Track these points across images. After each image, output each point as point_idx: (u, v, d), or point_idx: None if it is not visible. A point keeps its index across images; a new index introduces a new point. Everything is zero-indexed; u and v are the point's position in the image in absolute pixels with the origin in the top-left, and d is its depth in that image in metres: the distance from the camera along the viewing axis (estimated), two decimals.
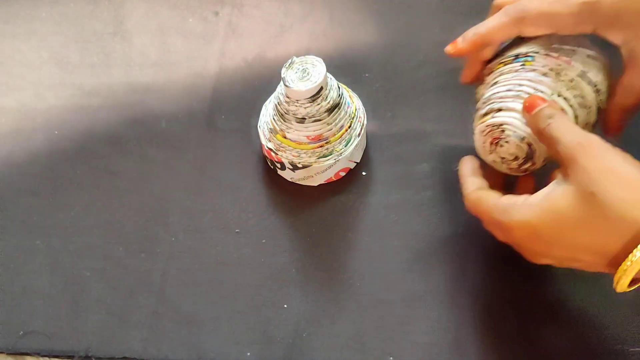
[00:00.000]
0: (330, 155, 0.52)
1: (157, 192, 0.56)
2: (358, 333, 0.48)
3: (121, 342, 0.49)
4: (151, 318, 0.50)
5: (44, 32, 0.66)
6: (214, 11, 0.66)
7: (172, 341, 0.49)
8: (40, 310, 0.51)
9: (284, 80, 0.49)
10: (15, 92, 0.62)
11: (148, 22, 0.65)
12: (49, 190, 0.56)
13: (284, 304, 0.50)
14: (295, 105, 0.50)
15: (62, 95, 0.62)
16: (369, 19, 0.64)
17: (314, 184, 0.55)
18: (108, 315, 0.50)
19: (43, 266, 0.53)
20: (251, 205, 0.55)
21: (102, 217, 0.55)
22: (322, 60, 0.49)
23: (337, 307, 0.50)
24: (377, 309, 0.49)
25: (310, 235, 0.53)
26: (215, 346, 0.49)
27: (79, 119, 0.60)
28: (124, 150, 0.58)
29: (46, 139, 0.59)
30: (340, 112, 0.51)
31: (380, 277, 0.51)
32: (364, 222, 0.53)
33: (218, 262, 0.52)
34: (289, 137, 0.52)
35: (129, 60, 0.63)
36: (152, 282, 0.51)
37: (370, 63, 0.61)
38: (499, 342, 0.47)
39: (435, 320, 0.48)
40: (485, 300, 0.49)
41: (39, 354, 0.49)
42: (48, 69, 0.63)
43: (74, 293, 0.51)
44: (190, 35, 0.64)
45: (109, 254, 0.53)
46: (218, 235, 0.53)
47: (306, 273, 0.51)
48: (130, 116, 0.60)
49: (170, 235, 0.53)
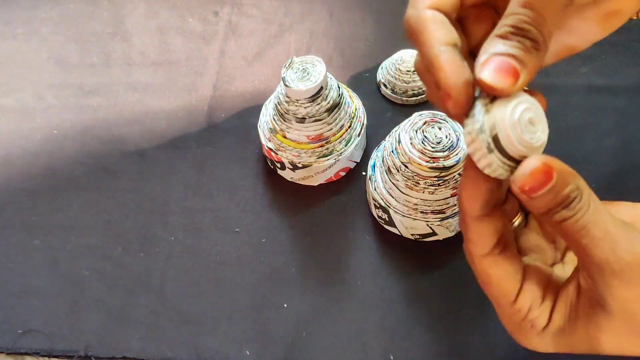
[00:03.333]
0: (330, 155, 0.52)
1: (157, 192, 0.56)
2: (358, 332, 0.48)
3: (120, 342, 0.49)
4: (150, 317, 0.50)
5: (44, 32, 0.66)
6: (214, 11, 0.66)
7: (171, 340, 0.49)
8: (39, 310, 0.51)
9: (284, 80, 0.49)
10: (15, 92, 0.62)
11: (148, 22, 0.65)
12: (48, 189, 0.56)
13: (284, 303, 0.50)
14: (295, 105, 0.50)
15: (62, 95, 0.62)
16: (369, 18, 0.64)
17: (314, 184, 0.55)
18: (107, 315, 0.50)
19: (42, 265, 0.53)
20: (251, 204, 0.55)
21: (101, 216, 0.55)
22: (322, 60, 0.49)
23: (337, 306, 0.49)
24: (378, 308, 0.49)
25: (310, 235, 0.53)
26: (214, 345, 0.48)
27: (78, 119, 0.60)
28: (124, 150, 0.58)
29: (45, 138, 0.59)
30: (340, 112, 0.51)
31: (381, 276, 0.50)
32: (364, 222, 0.53)
33: (217, 262, 0.52)
34: (289, 137, 0.51)
35: (129, 60, 0.63)
36: (151, 282, 0.51)
37: (370, 63, 0.61)
38: (500, 341, 0.47)
39: (436, 320, 0.48)
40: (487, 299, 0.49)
41: (38, 353, 0.49)
42: (48, 69, 0.63)
43: (73, 292, 0.51)
44: (190, 35, 0.64)
45: (108, 253, 0.53)
46: (217, 234, 0.53)
47: (306, 272, 0.51)
48: (130, 116, 0.60)
49: (170, 235, 0.53)
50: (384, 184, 0.49)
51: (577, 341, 0.32)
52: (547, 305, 0.32)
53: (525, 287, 0.32)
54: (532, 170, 0.28)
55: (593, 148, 0.55)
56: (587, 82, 0.59)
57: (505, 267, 0.32)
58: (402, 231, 0.51)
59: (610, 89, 0.57)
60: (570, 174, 0.28)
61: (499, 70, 0.27)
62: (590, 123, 0.56)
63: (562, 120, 0.56)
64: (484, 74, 0.28)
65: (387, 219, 0.51)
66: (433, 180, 0.46)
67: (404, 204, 0.48)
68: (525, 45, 0.28)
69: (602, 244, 0.28)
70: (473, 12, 0.33)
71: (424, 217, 0.48)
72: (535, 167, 0.28)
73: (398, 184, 0.48)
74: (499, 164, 0.29)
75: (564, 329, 0.31)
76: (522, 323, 0.32)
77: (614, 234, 0.28)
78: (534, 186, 0.28)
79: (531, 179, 0.28)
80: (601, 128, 0.56)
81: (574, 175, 0.29)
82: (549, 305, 0.32)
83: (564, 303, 0.32)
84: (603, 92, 0.57)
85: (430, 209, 0.48)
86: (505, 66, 0.27)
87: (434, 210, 0.48)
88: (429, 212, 0.48)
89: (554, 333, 0.32)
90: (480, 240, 0.31)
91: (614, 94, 0.57)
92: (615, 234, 0.28)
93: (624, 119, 0.56)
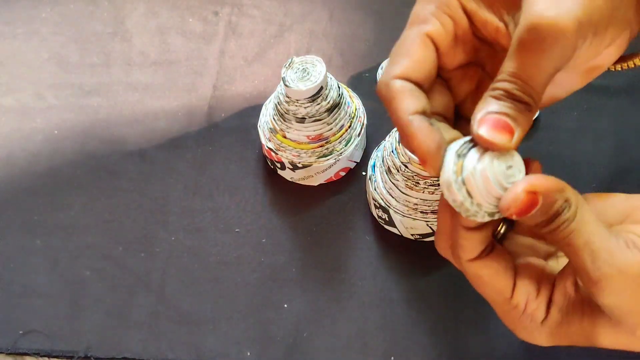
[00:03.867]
0: (330, 155, 0.52)
1: (157, 192, 0.56)
2: (359, 333, 0.48)
3: (121, 342, 0.49)
4: (151, 318, 0.50)
5: (44, 32, 0.66)
6: (214, 11, 0.66)
7: (172, 341, 0.49)
8: (39, 310, 0.51)
9: (284, 80, 0.49)
10: (15, 92, 0.62)
11: (148, 22, 0.65)
12: (49, 189, 0.56)
13: (284, 303, 0.50)
14: (295, 105, 0.50)
15: (62, 95, 0.62)
16: (369, 18, 0.64)
17: (314, 184, 0.55)
18: (107, 315, 0.50)
19: (42, 266, 0.53)
20: (251, 204, 0.55)
21: (102, 216, 0.55)
22: (322, 60, 0.49)
23: (337, 306, 0.50)
24: (379, 308, 0.49)
25: (310, 235, 0.53)
26: (215, 346, 0.48)
27: (79, 119, 0.60)
28: (124, 150, 0.58)
29: (46, 139, 0.59)
30: (340, 112, 0.51)
31: (381, 276, 0.50)
32: (364, 222, 0.53)
33: (218, 262, 0.52)
34: (289, 137, 0.51)
35: (129, 60, 0.63)
36: (152, 282, 0.51)
37: (370, 63, 0.61)
38: (500, 341, 0.47)
39: (437, 320, 0.48)
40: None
41: (38, 353, 0.49)
42: (48, 69, 0.63)
43: (73, 293, 0.51)
44: (190, 35, 0.64)
45: (109, 253, 0.53)
46: (218, 234, 0.53)
47: (306, 272, 0.51)
48: (130, 116, 0.60)
49: (170, 235, 0.53)
50: (384, 184, 0.49)
51: (576, 334, 0.32)
52: (544, 298, 0.32)
53: (519, 283, 0.32)
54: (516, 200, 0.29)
55: (591, 148, 0.55)
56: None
57: (495, 266, 0.32)
58: (402, 231, 0.51)
59: (608, 89, 0.57)
60: (557, 190, 0.29)
61: (495, 127, 0.28)
62: (588, 123, 0.56)
63: (561, 121, 0.56)
64: (482, 131, 0.29)
65: (387, 219, 0.51)
66: (433, 180, 0.46)
67: (404, 204, 0.48)
68: (518, 107, 0.29)
69: (582, 253, 0.29)
70: (457, 73, 0.34)
71: (424, 217, 0.48)
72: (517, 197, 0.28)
73: (398, 184, 0.48)
74: (482, 211, 0.30)
75: (562, 322, 0.32)
76: (521, 318, 0.33)
77: (594, 244, 0.29)
78: (521, 211, 0.29)
79: (515, 209, 0.29)
80: (599, 128, 0.56)
81: (561, 189, 0.29)
82: (546, 298, 0.32)
83: (561, 296, 0.32)
84: (601, 93, 0.57)
85: (430, 209, 0.48)
86: (502, 124, 0.29)
87: (434, 210, 0.48)
88: (429, 212, 0.48)
89: (553, 325, 0.32)
90: (470, 246, 0.32)
91: (612, 94, 0.57)
92: (595, 244, 0.29)
93: (621, 119, 0.56)
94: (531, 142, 0.55)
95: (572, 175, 0.53)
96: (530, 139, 0.55)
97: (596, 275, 0.29)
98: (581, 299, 0.32)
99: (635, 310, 0.30)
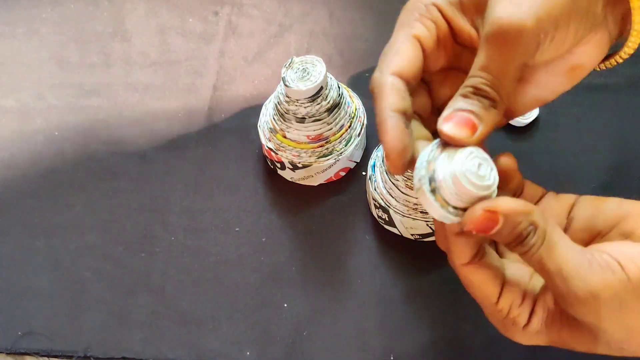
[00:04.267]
0: (330, 155, 0.52)
1: (157, 192, 0.56)
2: (359, 332, 0.48)
3: (121, 342, 0.49)
4: (151, 318, 0.50)
5: (44, 32, 0.66)
6: (214, 11, 0.66)
7: (172, 341, 0.49)
8: (39, 310, 0.51)
9: (284, 80, 0.49)
10: (16, 92, 0.62)
11: (148, 22, 0.65)
12: (49, 190, 0.56)
13: (284, 303, 0.50)
14: (295, 105, 0.50)
15: (62, 95, 0.62)
16: (369, 18, 0.64)
17: (314, 184, 0.55)
18: (108, 315, 0.50)
19: (43, 266, 0.53)
20: (251, 204, 0.55)
21: (102, 216, 0.55)
22: (322, 60, 0.49)
23: (337, 306, 0.50)
24: (379, 307, 0.49)
25: (310, 235, 0.53)
26: (215, 346, 0.49)
27: (79, 120, 0.60)
28: (124, 150, 0.58)
29: (46, 139, 0.59)
30: (340, 111, 0.51)
31: (381, 276, 0.50)
32: (364, 222, 0.53)
33: (218, 261, 0.52)
34: (289, 137, 0.51)
35: (129, 60, 0.63)
36: (152, 282, 0.51)
37: (370, 63, 0.61)
38: (499, 340, 0.47)
39: (437, 319, 0.48)
40: None
41: (38, 353, 0.49)
42: (48, 69, 0.63)
43: (73, 293, 0.51)
44: (190, 35, 0.64)
45: (109, 253, 0.53)
46: (218, 234, 0.53)
47: (306, 272, 0.51)
48: (130, 116, 0.60)
49: (170, 235, 0.53)
50: (384, 183, 0.49)
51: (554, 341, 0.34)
52: (527, 308, 0.34)
53: (505, 291, 0.34)
54: (473, 217, 0.30)
55: (592, 145, 0.55)
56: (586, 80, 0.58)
57: (485, 274, 0.33)
58: (402, 231, 0.51)
59: (608, 87, 0.58)
60: (521, 213, 0.30)
61: (458, 123, 0.31)
62: (589, 120, 0.56)
63: (562, 118, 0.56)
64: (445, 127, 0.31)
65: (387, 219, 0.51)
66: None
67: (404, 204, 0.48)
68: (484, 103, 0.31)
69: (554, 277, 0.30)
70: (439, 77, 0.37)
71: (424, 217, 0.48)
72: (474, 214, 0.30)
73: (398, 184, 0.48)
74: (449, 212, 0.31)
75: (542, 332, 0.34)
76: (505, 321, 0.34)
77: (565, 269, 0.30)
78: (479, 229, 0.30)
79: (473, 225, 0.30)
80: (600, 125, 0.56)
81: (526, 212, 0.30)
82: (529, 308, 0.34)
83: (541, 309, 0.33)
84: (601, 90, 0.57)
85: None
86: (464, 120, 0.31)
87: None
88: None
89: (533, 332, 0.34)
90: (459, 251, 0.33)
91: (612, 92, 0.57)
92: (567, 268, 0.30)
93: (622, 116, 0.56)
94: (532, 140, 0.55)
95: (572, 173, 0.54)
96: (530, 137, 0.55)
97: (570, 298, 0.30)
98: (560, 311, 0.33)
99: (609, 329, 0.31)
